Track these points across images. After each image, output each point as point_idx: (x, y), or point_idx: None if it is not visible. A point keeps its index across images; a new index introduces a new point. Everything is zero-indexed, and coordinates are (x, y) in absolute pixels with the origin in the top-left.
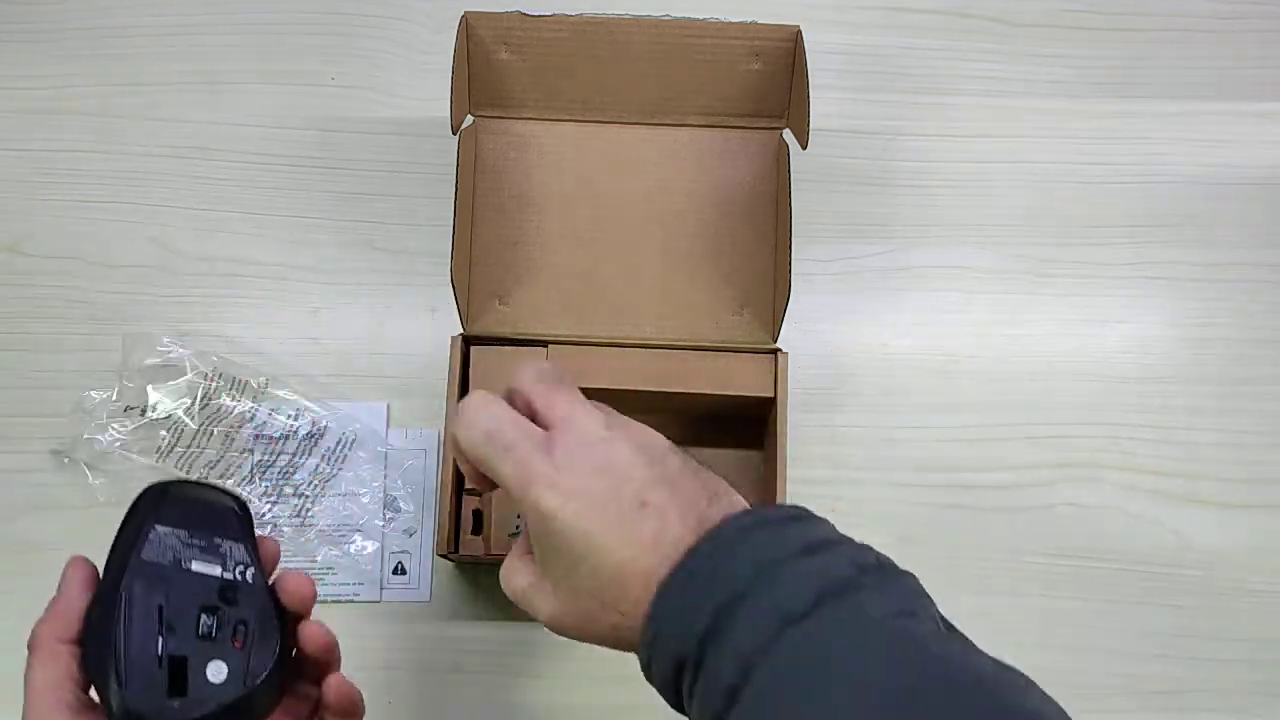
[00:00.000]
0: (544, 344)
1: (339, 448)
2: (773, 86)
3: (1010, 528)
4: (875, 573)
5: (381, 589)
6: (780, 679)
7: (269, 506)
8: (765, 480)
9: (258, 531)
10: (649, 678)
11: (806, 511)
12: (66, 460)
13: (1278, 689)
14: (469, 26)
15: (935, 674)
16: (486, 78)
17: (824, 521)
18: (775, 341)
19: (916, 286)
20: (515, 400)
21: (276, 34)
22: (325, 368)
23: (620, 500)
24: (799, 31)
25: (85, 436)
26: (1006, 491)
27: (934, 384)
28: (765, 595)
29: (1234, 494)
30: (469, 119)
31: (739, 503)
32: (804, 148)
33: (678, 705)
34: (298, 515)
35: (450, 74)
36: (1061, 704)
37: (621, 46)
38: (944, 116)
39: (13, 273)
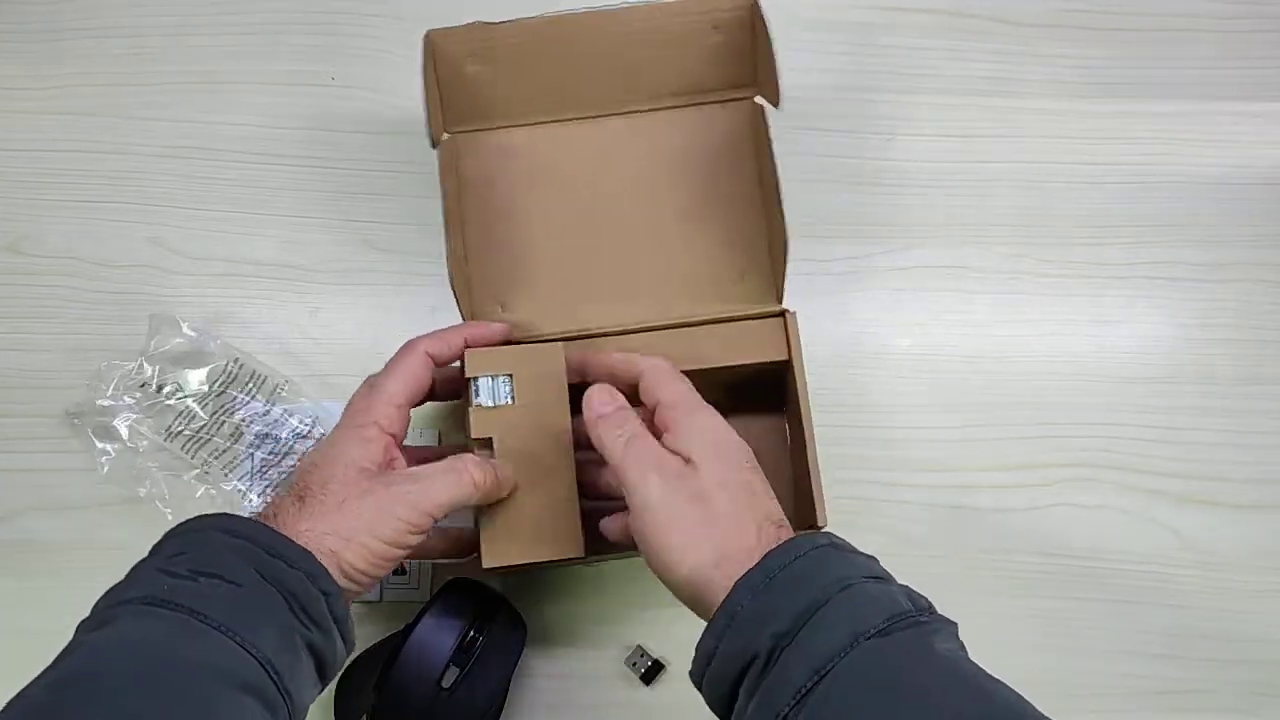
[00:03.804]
0: (550, 342)
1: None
2: (736, 55)
3: (1009, 528)
4: (929, 612)
5: (382, 589)
6: (851, 689)
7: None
8: (793, 442)
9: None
10: (701, 668)
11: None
12: (77, 422)
13: (1278, 689)
14: (434, 44)
15: (1004, 710)
16: (458, 93)
17: (873, 557)
18: (780, 303)
19: (916, 286)
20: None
21: (276, 34)
22: (325, 368)
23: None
24: None
25: (99, 403)
26: (1005, 491)
27: (933, 384)
28: (842, 609)
29: (1233, 494)
30: (445, 136)
31: (783, 529)
32: (776, 106)
33: (725, 702)
34: None
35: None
36: (1061, 705)
37: (585, 41)
38: (944, 116)
39: (12, 273)
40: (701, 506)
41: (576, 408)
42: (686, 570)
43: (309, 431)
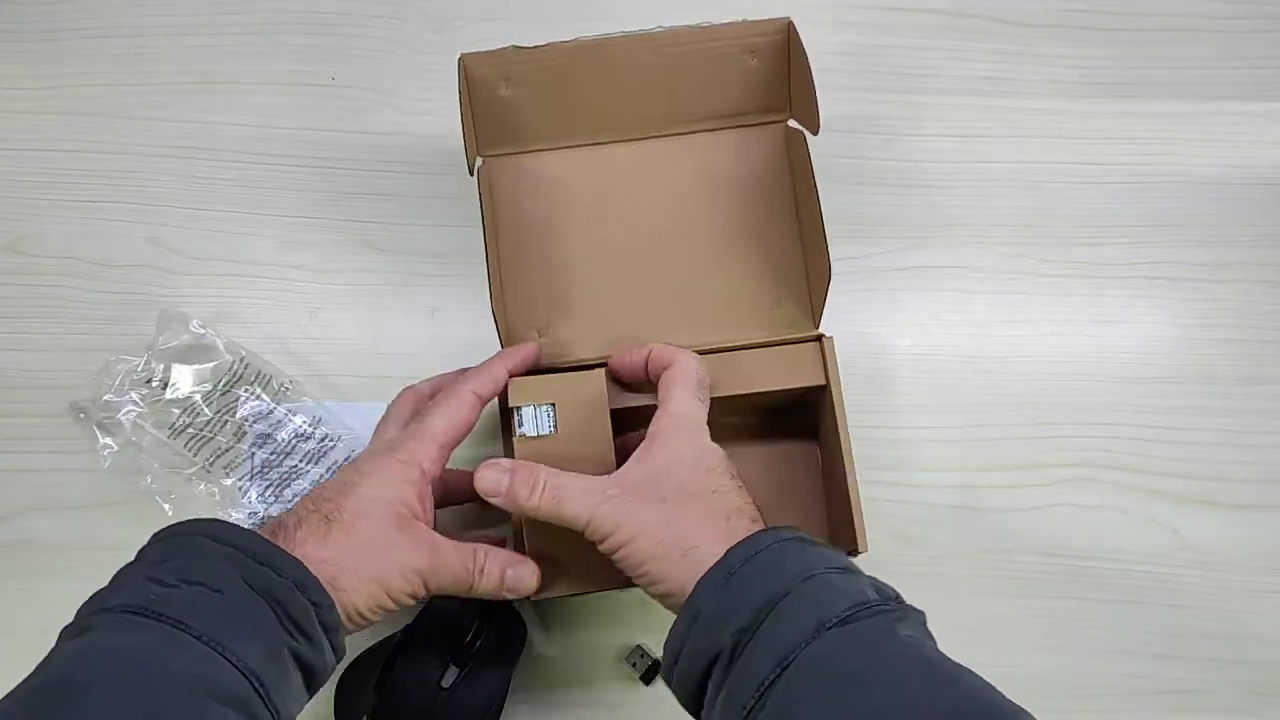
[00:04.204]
0: (591, 369)
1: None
2: (772, 80)
3: (1009, 528)
4: (895, 601)
5: None
6: (814, 678)
7: (264, 507)
8: (826, 467)
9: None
10: (669, 668)
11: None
12: (82, 416)
13: (1278, 689)
14: (467, 68)
15: (970, 698)
16: (492, 116)
17: (841, 551)
18: (817, 327)
19: (916, 286)
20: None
21: (276, 34)
22: (326, 368)
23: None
24: (790, 23)
25: (104, 398)
26: (1005, 492)
27: (933, 384)
28: (804, 600)
29: (1233, 494)
30: (479, 160)
31: (754, 524)
32: (814, 133)
33: (695, 699)
34: None
35: (458, 110)
36: (1061, 704)
37: (619, 66)
38: (944, 116)
39: (12, 273)
40: (658, 509)
41: (619, 433)
42: (654, 572)
43: (311, 432)
